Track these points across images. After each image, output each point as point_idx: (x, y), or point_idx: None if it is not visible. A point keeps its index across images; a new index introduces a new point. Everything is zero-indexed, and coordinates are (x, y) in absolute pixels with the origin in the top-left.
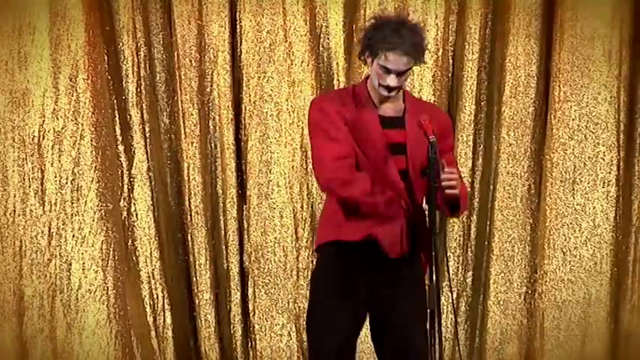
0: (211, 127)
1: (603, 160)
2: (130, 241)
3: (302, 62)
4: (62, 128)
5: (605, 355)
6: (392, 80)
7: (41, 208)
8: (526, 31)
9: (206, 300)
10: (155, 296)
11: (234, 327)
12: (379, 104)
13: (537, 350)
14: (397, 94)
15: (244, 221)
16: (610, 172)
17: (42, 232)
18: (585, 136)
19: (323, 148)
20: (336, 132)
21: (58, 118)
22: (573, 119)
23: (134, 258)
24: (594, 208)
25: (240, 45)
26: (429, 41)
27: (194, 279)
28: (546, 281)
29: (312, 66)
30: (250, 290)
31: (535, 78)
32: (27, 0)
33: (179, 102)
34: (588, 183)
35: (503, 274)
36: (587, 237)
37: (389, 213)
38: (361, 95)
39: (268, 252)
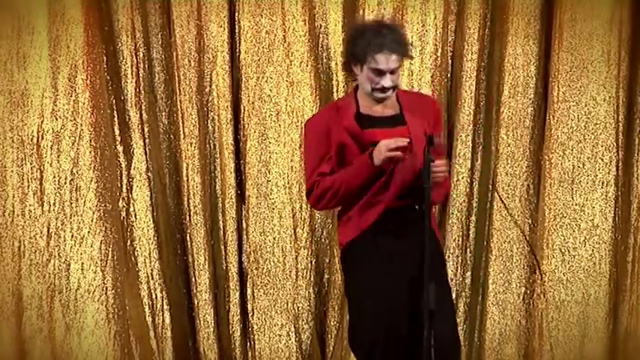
0: (210, 127)
1: (602, 160)
2: (129, 242)
3: (301, 63)
4: (61, 128)
5: (603, 356)
6: (386, 81)
7: (40, 208)
8: (525, 31)
9: (205, 300)
10: (154, 296)
11: (232, 327)
12: (373, 107)
13: (536, 350)
14: (392, 93)
15: (243, 221)
16: (609, 173)
17: (41, 232)
18: (584, 136)
19: (307, 168)
20: (322, 149)
21: (56, 119)
22: (572, 119)
23: (133, 258)
24: (593, 208)
25: (239, 45)
26: (413, 36)
27: (193, 279)
28: (545, 281)
29: (311, 66)
30: (249, 290)
31: (534, 78)
32: (26, 0)
33: (178, 102)
34: (587, 183)
35: (502, 275)
36: (585, 237)
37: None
38: (346, 103)
39: (267, 252)
